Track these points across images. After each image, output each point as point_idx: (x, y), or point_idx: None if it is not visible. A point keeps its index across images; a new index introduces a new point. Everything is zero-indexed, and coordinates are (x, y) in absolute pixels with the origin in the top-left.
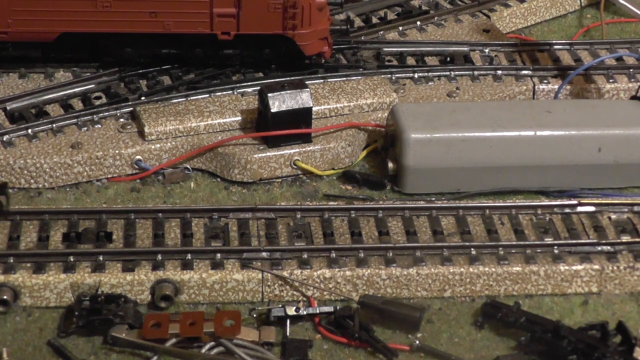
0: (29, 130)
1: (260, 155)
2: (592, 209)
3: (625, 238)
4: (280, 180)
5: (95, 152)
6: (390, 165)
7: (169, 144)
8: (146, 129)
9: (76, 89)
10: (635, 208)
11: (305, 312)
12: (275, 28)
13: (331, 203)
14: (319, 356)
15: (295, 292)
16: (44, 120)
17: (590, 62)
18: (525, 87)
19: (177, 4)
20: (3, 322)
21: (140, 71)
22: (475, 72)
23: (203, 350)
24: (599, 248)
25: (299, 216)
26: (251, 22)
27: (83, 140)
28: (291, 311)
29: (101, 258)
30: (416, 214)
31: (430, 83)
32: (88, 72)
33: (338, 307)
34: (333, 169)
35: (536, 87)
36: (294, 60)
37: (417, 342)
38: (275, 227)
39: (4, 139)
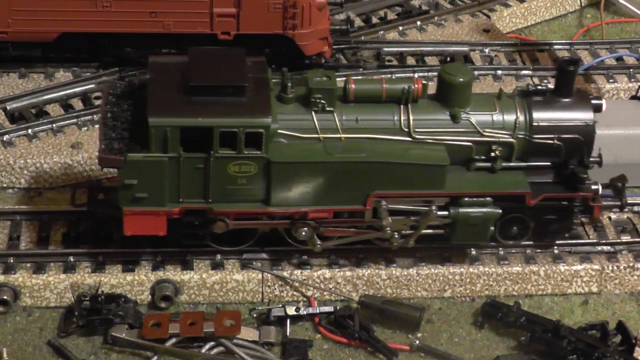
0: (29, 130)
1: None
2: None
3: (625, 238)
4: None
5: (95, 152)
6: None
7: None
8: None
9: (76, 89)
10: (635, 208)
11: (305, 312)
12: (275, 28)
13: None
14: (319, 356)
15: (295, 292)
16: (44, 120)
17: (590, 62)
18: None
19: (177, 4)
20: (3, 322)
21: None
22: (475, 72)
23: (203, 350)
24: (599, 248)
25: None
26: (251, 22)
27: (83, 140)
28: (291, 311)
29: (101, 258)
30: None
31: (430, 83)
32: (88, 72)
33: (338, 307)
34: None
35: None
36: (294, 60)
37: (417, 342)
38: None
39: (4, 138)
